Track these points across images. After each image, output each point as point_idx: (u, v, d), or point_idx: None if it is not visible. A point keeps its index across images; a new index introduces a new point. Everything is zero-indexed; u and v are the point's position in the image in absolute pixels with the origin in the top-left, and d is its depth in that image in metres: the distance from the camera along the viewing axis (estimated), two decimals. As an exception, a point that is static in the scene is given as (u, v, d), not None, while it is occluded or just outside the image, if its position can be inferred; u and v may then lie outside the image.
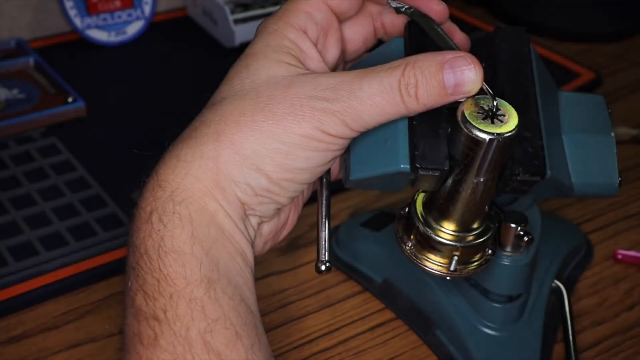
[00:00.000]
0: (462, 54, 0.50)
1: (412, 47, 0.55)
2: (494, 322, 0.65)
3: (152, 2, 1.05)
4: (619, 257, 0.77)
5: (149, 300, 0.47)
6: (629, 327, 0.71)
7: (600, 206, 0.83)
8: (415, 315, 0.69)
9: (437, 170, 0.52)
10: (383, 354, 0.68)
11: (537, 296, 0.68)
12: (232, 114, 0.51)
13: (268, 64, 0.53)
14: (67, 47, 1.02)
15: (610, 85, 1.00)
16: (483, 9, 1.15)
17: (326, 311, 0.71)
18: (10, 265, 0.71)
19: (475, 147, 0.50)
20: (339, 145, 0.51)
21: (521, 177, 0.53)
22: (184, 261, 0.48)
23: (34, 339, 0.67)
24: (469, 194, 0.53)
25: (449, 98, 0.50)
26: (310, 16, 0.55)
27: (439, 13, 0.56)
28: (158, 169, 0.51)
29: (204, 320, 0.47)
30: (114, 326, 0.67)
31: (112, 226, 0.76)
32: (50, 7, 1.03)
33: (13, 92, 0.92)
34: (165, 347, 0.46)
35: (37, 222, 0.76)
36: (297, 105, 0.50)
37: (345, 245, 0.75)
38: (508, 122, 0.50)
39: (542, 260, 0.70)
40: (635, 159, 0.89)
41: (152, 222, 0.49)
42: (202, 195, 0.50)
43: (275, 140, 0.50)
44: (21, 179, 0.81)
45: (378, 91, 0.50)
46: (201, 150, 0.51)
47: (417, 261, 0.57)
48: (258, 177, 0.51)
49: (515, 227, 0.61)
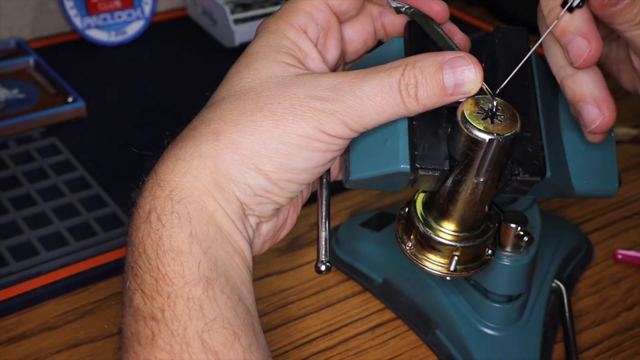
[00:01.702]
0: (462, 54, 0.50)
1: (412, 47, 0.55)
2: (494, 322, 0.65)
3: (152, 2, 1.05)
4: (619, 257, 0.77)
5: (147, 300, 0.47)
6: (629, 327, 0.71)
7: (600, 206, 0.83)
8: (415, 315, 0.69)
9: (437, 171, 0.52)
10: (383, 354, 0.68)
11: (537, 296, 0.68)
12: (232, 113, 0.51)
13: (268, 63, 0.53)
14: (67, 47, 1.02)
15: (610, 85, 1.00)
16: (483, 9, 1.15)
17: (326, 311, 0.71)
18: (10, 265, 0.71)
19: (475, 147, 0.50)
20: (338, 145, 0.51)
21: (521, 177, 0.53)
22: (182, 260, 0.48)
23: (34, 339, 0.67)
24: (469, 194, 0.53)
25: (448, 98, 0.50)
26: (310, 16, 0.55)
27: (439, 13, 0.56)
28: (157, 168, 0.51)
29: (202, 320, 0.47)
30: (113, 326, 0.67)
31: (112, 226, 0.76)
32: (50, 7, 1.03)
33: (13, 92, 0.92)
34: (163, 347, 0.46)
35: (37, 222, 0.76)
36: (297, 105, 0.50)
37: (345, 245, 0.75)
38: (508, 122, 0.50)
39: (542, 260, 0.70)
40: (635, 159, 0.89)
41: (150, 221, 0.49)
42: (200, 195, 0.50)
43: (275, 140, 0.50)
44: (21, 179, 0.81)
45: (378, 91, 0.50)
46: (200, 149, 0.50)
47: (417, 261, 0.57)
48: (257, 177, 0.51)
49: (515, 227, 0.61)
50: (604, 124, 0.51)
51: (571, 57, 0.50)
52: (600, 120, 0.51)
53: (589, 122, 0.52)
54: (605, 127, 0.51)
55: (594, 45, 0.50)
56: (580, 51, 0.50)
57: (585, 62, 0.50)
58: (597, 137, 0.53)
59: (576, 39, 0.50)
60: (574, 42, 0.50)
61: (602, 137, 0.53)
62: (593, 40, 0.49)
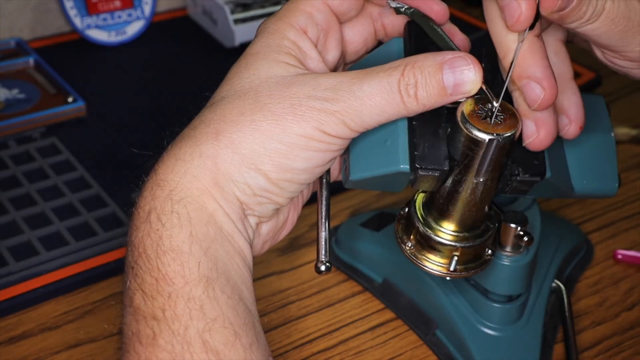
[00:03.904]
0: (462, 54, 0.50)
1: (412, 47, 0.55)
2: (494, 322, 0.65)
3: (152, 2, 1.05)
4: (619, 257, 0.77)
5: (147, 300, 0.47)
6: (629, 327, 0.71)
7: (600, 206, 0.83)
8: (415, 315, 0.69)
9: (436, 171, 0.52)
10: (383, 354, 0.68)
11: (537, 296, 0.68)
12: (232, 113, 0.51)
13: (268, 64, 0.53)
14: (67, 47, 1.02)
15: (610, 85, 1.00)
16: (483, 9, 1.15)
17: (326, 311, 0.71)
18: (10, 265, 0.71)
19: (475, 147, 0.50)
20: (338, 145, 0.51)
21: (521, 177, 0.53)
22: (182, 260, 0.48)
23: (34, 339, 0.67)
24: (469, 194, 0.53)
25: (448, 98, 0.50)
26: (310, 17, 0.55)
27: (439, 13, 0.56)
28: (157, 168, 0.51)
29: (203, 320, 0.47)
30: (113, 326, 0.67)
31: (112, 226, 0.76)
32: (50, 7, 1.03)
33: (13, 92, 0.92)
34: (164, 347, 0.46)
35: (37, 222, 0.76)
36: (297, 105, 0.50)
37: (345, 245, 0.75)
38: (508, 123, 0.50)
39: (542, 260, 0.70)
40: (635, 159, 0.89)
41: (150, 221, 0.49)
42: (200, 195, 0.50)
43: (275, 140, 0.50)
44: (21, 179, 0.81)
45: (378, 91, 0.50)
46: (200, 149, 0.51)
47: (417, 261, 0.57)
48: (257, 177, 0.51)
49: (515, 227, 0.61)
50: (546, 100, 0.51)
51: (527, 101, 0.51)
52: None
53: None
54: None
55: (548, 91, 0.50)
56: (535, 96, 0.50)
57: (540, 107, 0.51)
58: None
59: (530, 84, 0.50)
60: (529, 87, 0.50)
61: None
62: (547, 85, 0.50)
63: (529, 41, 0.50)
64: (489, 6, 0.51)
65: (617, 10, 0.49)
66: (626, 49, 0.51)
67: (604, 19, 0.50)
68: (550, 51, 0.56)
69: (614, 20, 0.50)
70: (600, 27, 0.50)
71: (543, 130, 0.52)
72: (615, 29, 0.50)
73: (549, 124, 0.52)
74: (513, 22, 0.49)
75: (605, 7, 0.49)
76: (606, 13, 0.49)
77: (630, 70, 0.54)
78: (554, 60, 0.56)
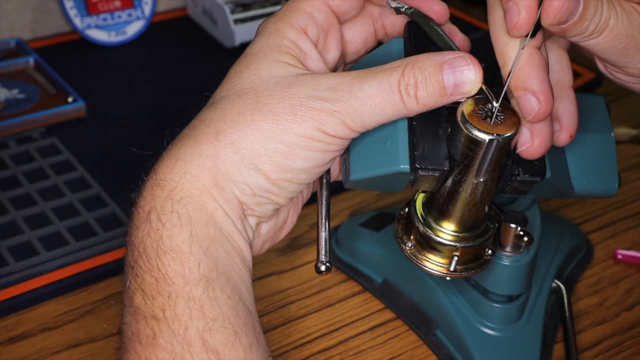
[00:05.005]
0: (462, 54, 0.50)
1: (412, 47, 0.55)
2: (494, 322, 0.65)
3: (152, 2, 1.05)
4: (619, 257, 0.77)
5: (147, 299, 0.47)
6: (629, 327, 0.71)
7: (600, 206, 0.83)
8: (415, 315, 0.69)
9: (437, 171, 0.52)
10: (383, 354, 0.68)
11: (537, 296, 0.68)
12: (232, 113, 0.51)
13: (268, 63, 0.53)
14: (67, 47, 1.02)
15: (610, 85, 0.99)
16: (483, 8, 1.15)
17: (326, 311, 0.71)
18: (10, 265, 0.71)
19: (475, 148, 0.50)
20: (338, 145, 0.51)
21: (521, 177, 0.53)
22: (182, 260, 0.48)
23: (34, 339, 0.67)
24: (469, 194, 0.53)
25: (448, 98, 0.50)
26: (311, 17, 0.55)
27: (439, 14, 0.56)
28: (157, 168, 0.51)
29: (203, 319, 0.47)
30: (113, 326, 0.67)
31: (112, 226, 0.76)
32: (50, 7, 1.03)
33: (13, 92, 0.92)
34: (164, 347, 0.46)
35: (37, 222, 0.76)
36: (297, 105, 0.50)
37: (345, 245, 0.75)
38: (508, 123, 0.50)
39: (542, 260, 0.70)
40: (635, 159, 0.89)
41: (150, 221, 0.49)
42: (200, 194, 0.50)
43: (275, 140, 0.50)
44: (21, 179, 0.81)
45: (378, 91, 0.50)
46: (200, 149, 0.51)
47: (417, 261, 0.57)
48: (257, 177, 0.51)
49: (515, 227, 0.61)
50: (541, 113, 0.51)
51: (522, 112, 0.51)
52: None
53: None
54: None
55: (544, 104, 0.50)
56: (530, 108, 0.50)
57: (534, 119, 0.50)
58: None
59: (526, 96, 0.50)
60: (525, 98, 0.50)
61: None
62: (543, 98, 0.50)
63: (529, 52, 0.50)
64: (493, 13, 0.51)
65: (620, 27, 0.49)
66: (628, 65, 0.51)
67: (607, 35, 0.49)
68: (552, 58, 0.56)
69: (617, 36, 0.50)
70: (602, 43, 0.50)
71: (537, 139, 0.52)
72: (618, 46, 0.50)
73: (543, 134, 0.52)
74: (511, 27, 0.49)
75: (609, 24, 0.49)
76: (609, 29, 0.49)
77: (632, 85, 0.54)
78: (555, 67, 0.56)
